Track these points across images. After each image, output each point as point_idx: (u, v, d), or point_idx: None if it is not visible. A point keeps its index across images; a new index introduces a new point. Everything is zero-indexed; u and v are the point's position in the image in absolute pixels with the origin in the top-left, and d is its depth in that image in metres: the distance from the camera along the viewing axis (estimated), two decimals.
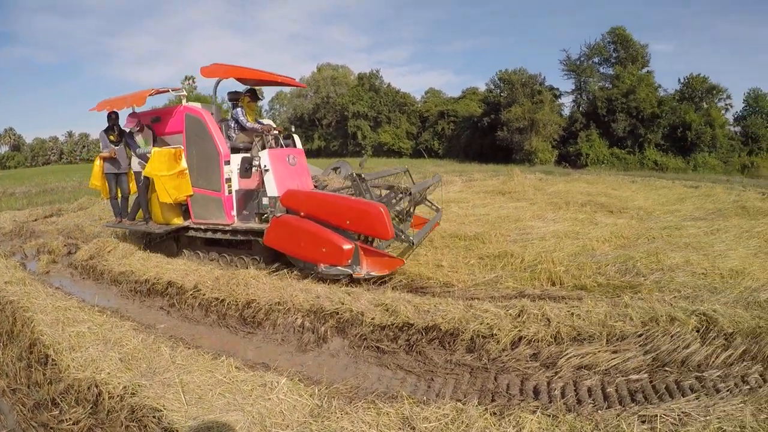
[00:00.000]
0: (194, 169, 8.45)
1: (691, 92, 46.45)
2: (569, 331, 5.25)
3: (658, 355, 4.81)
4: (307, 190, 7.93)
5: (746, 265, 7.48)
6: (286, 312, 6.19)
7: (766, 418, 3.46)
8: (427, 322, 5.55)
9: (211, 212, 8.46)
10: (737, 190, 18.28)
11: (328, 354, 5.43)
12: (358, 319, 5.83)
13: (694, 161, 42.62)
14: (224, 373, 4.39)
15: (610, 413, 3.70)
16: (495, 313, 5.60)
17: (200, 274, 7.59)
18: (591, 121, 46.74)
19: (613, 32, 48.44)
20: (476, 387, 4.53)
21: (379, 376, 4.83)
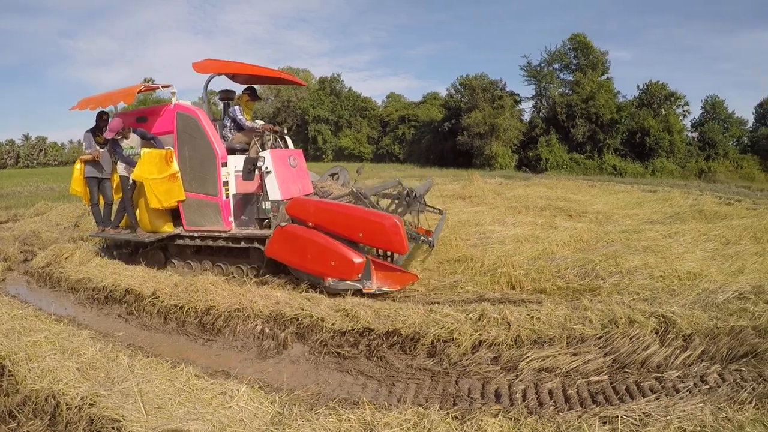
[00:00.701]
0: (187, 172, 8.02)
1: (650, 99, 47.88)
2: (529, 334, 5.31)
3: (617, 356, 4.90)
4: (315, 198, 7.60)
5: (703, 268, 7.69)
6: (245, 318, 6.12)
7: (725, 417, 3.53)
8: (388, 327, 5.56)
9: (206, 218, 8.03)
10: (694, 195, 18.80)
11: (288, 360, 5.38)
12: (318, 324, 5.80)
13: (652, 166, 43.88)
14: (184, 381, 4.32)
15: (572, 415, 3.75)
16: (455, 317, 5.63)
17: (158, 280, 7.42)
18: (551, 126, 47.62)
19: (574, 39, 49.48)
20: (437, 391, 4.55)
21: (340, 382, 4.81)
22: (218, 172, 7.78)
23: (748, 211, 14.39)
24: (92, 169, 8.78)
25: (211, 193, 7.88)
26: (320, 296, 6.59)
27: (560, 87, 49.82)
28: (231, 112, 8.56)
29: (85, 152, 8.79)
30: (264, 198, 7.60)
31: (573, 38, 49.49)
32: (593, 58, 48.78)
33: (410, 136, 58.42)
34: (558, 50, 49.88)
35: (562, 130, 46.89)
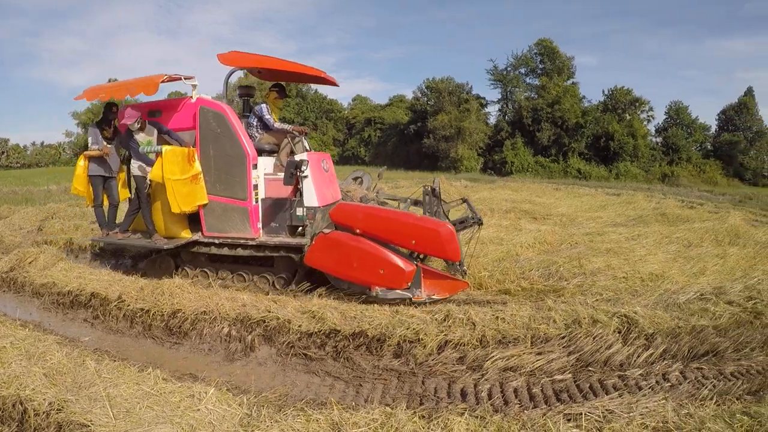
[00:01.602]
0: (211, 174, 7.40)
1: (615, 104, 49.12)
2: (494, 334, 5.37)
3: (581, 355, 5.02)
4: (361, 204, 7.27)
5: (665, 269, 7.91)
6: (212, 321, 6.05)
7: (687, 414, 3.63)
8: (354, 328, 5.57)
9: (232, 224, 7.44)
10: (657, 198, 19.33)
11: (255, 363, 5.36)
12: (285, 326, 5.77)
13: (616, 170, 44.94)
14: (151, 385, 4.24)
15: (537, 413, 3.81)
16: (421, 318, 5.68)
17: (124, 284, 7.25)
18: (516, 129, 48.38)
19: (541, 44, 50.39)
20: (404, 391, 4.58)
21: (307, 383, 4.81)
22: (249, 174, 7.25)
23: (710, 215, 14.85)
24: (97, 166, 8.15)
25: (239, 197, 7.34)
26: (287, 298, 6.58)
27: (526, 91, 50.74)
28: (257, 110, 8.00)
29: (91, 148, 8.07)
30: (298, 204, 7.13)
31: (539, 43, 50.42)
32: (559, 63, 49.78)
33: (376, 139, 58.59)
34: (524, 55, 50.78)
35: (528, 133, 47.66)
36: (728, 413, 3.66)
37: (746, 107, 52.98)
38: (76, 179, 8.28)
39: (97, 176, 8.18)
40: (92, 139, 8.11)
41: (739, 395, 4.27)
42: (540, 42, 50.49)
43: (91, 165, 8.13)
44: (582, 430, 3.49)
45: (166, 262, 8.14)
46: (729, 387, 4.47)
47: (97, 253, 9.81)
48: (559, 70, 49.62)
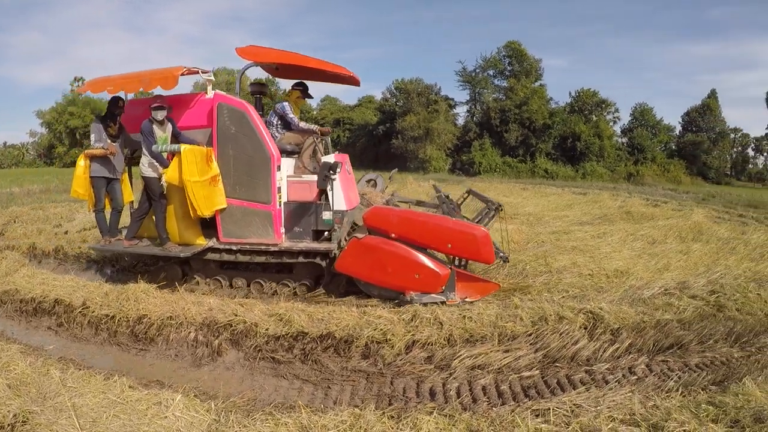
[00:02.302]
0: (229, 175, 7.00)
1: (581, 105, 49.99)
2: (462, 333, 5.42)
3: (548, 352, 5.09)
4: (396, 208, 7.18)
5: (630, 266, 8.06)
6: (178, 326, 5.94)
7: (653, 405, 3.71)
8: (322, 330, 5.55)
9: (252, 229, 7.06)
10: (623, 197, 19.62)
11: (223, 367, 5.28)
12: (252, 330, 5.70)
13: (582, 170, 45.62)
14: (118, 393, 4.15)
15: (505, 409, 3.85)
16: (388, 318, 5.69)
17: (89, 290, 7.04)
18: (484, 130, 48.70)
19: (509, 46, 50.83)
20: (373, 392, 4.57)
21: (276, 387, 4.76)
22: (273, 176, 6.88)
23: (674, 212, 15.19)
24: (100, 167, 7.45)
25: (262, 201, 6.97)
26: (253, 301, 6.49)
27: (494, 92, 51.06)
28: (279, 108, 7.67)
29: (93, 146, 7.40)
30: (325, 207, 6.97)
31: (508, 45, 50.84)
32: (527, 65, 50.28)
33: (345, 139, 58.41)
34: (493, 57, 51.10)
35: (496, 134, 48.04)
36: (694, 403, 3.75)
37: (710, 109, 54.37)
38: (75, 181, 7.57)
39: (100, 178, 7.50)
40: (95, 136, 7.45)
41: (704, 386, 4.38)
42: (508, 44, 50.94)
43: (93, 165, 7.44)
44: (550, 425, 3.53)
45: (173, 270, 7.70)
46: (694, 378, 4.59)
47: (61, 259, 9.55)
48: (527, 72, 50.13)
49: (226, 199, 6.97)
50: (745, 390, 3.92)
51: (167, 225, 7.24)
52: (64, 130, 56.24)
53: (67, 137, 56.75)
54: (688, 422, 3.41)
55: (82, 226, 12.04)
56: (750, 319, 6.11)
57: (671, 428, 3.35)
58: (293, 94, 7.96)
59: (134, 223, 7.51)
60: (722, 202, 22.06)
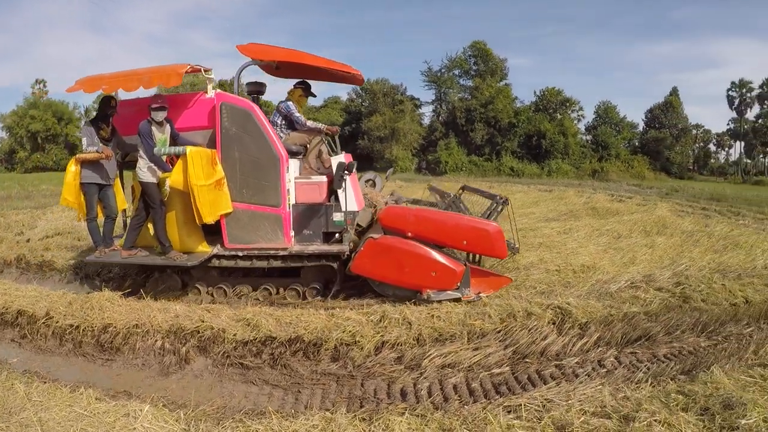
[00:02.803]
0: (236, 179, 6.77)
1: (546, 104, 50.98)
2: (431, 332, 5.40)
3: (518, 348, 5.11)
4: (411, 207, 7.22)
5: (596, 261, 8.16)
6: (144, 335, 5.79)
7: (623, 397, 3.75)
8: (290, 334, 5.47)
9: (261, 233, 6.85)
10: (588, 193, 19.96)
11: (191, 375, 5.16)
12: (219, 336, 5.59)
13: (548, 167, 46.46)
14: (84, 405, 4.02)
15: (477, 407, 3.84)
16: (357, 320, 5.64)
17: (52, 299, 6.80)
18: (450, 130, 49.17)
19: (475, 46, 51.40)
20: (344, 395, 4.52)
21: (245, 394, 4.68)
22: (282, 178, 6.72)
23: (638, 207, 15.48)
24: (91, 173, 7.00)
25: (271, 204, 6.79)
26: (220, 307, 6.39)
27: (460, 92, 51.64)
28: (284, 107, 7.51)
29: (86, 150, 6.92)
30: (335, 209, 6.89)
31: (473, 45, 51.50)
32: (492, 64, 50.98)
33: None
34: (458, 57, 51.65)
35: (461, 133, 48.52)
36: (664, 393, 3.81)
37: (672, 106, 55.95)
38: (66, 188, 7.07)
39: (92, 184, 7.05)
40: (87, 140, 6.95)
41: (673, 376, 4.44)
42: (474, 44, 51.58)
43: (85, 171, 6.98)
44: (522, 420, 3.52)
45: (171, 280, 7.36)
46: (663, 369, 4.67)
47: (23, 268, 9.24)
48: (492, 72, 50.78)
49: (231, 203, 6.75)
50: (714, 378, 3.99)
51: (168, 232, 6.93)
52: (25, 134, 55.11)
53: (28, 141, 55.62)
54: (659, 412, 3.45)
55: (45, 233, 11.67)
56: (715, 308, 6.28)
57: (642, 419, 3.38)
58: (295, 92, 7.77)
59: (132, 231, 7.08)
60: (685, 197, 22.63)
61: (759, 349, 4.95)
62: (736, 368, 4.35)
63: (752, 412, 3.45)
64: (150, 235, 7.10)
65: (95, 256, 7.20)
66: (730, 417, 3.43)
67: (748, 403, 3.54)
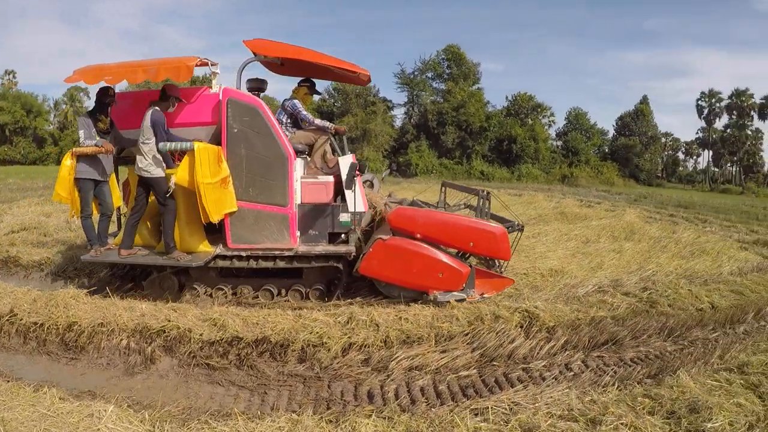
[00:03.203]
0: (241, 177, 6.61)
1: (518, 109, 51.56)
2: (398, 334, 5.39)
3: (485, 351, 5.13)
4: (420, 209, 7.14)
5: (565, 265, 8.26)
6: (110, 333, 5.67)
7: (590, 400, 3.79)
8: (257, 334, 5.41)
9: (266, 233, 6.71)
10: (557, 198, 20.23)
11: (157, 375, 5.08)
12: (186, 336, 5.50)
13: (518, 171, 47.00)
14: (48, 405, 3.93)
15: (444, 410, 3.84)
16: (324, 321, 5.61)
17: (16, 296, 6.60)
18: (422, 132, 49.36)
19: (448, 50, 51.68)
20: (310, 397, 4.50)
21: (211, 395, 4.63)
22: (290, 177, 6.61)
23: (607, 213, 15.72)
24: (87, 167, 6.71)
25: (278, 203, 6.67)
26: (186, 306, 6.28)
27: (432, 95, 51.82)
28: (290, 105, 7.42)
29: (83, 143, 6.62)
30: (341, 209, 6.84)
31: (447, 49, 51.75)
32: (465, 68, 51.30)
33: None
34: (432, 60, 51.85)
35: (433, 136, 48.73)
36: (630, 397, 3.86)
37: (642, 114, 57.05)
38: (59, 183, 6.74)
39: (87, 180, 6.75)
40: (84, 132, 6.65)
41: (640, 379, 4.52)
42: (448, 48, 51.85)
43: (80, 166, 6.68)
44: (489, 423, 3.54)
45: (169, 281, 7.06)
46: (629, 372, 4.74)
47: None
48: (465, 76, 51.10)
49: (236, 202, 6.57)
50: (680, 382, 4.05)
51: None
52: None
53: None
54: (625, 415, 3.49)
55: (10, 228, 11.35)
56: (682, 313, 6.40)
57: (609, 422, 3.41)
58: (301, 90, 7.66)
59: (130, 229, 6.79)
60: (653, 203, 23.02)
61: (725, 353, 5.06)
62: (702, 372, 4.44)
63: (718, 416, 3.51)
64: (146, 234, 7.00)
65: (91, 255, 6.89)
66: (696, 420, 3.48)
67: (713, 407, 3.61)
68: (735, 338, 5.88)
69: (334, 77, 8.30)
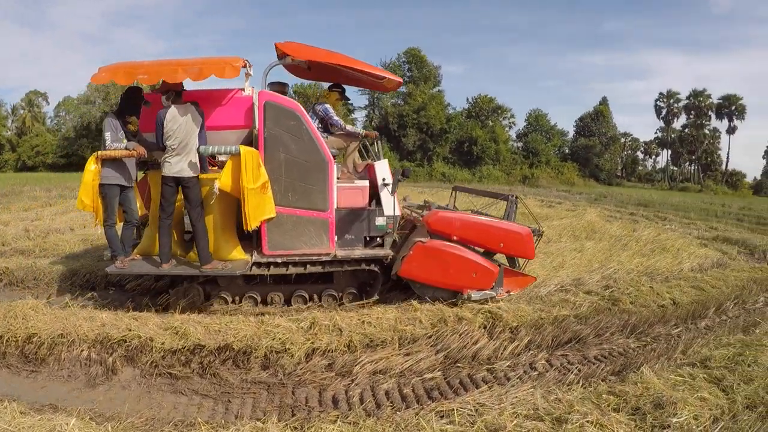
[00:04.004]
0: (279, 182, 6.47)
1: (478, 111, 52.24)
2: (362, 338, 5.38)
3: (449, 353, 5.16)
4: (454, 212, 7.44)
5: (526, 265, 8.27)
6: (70, 344, 5.53)
7: (555, 399, 3.83)
8: (219, 342, 5.34)
9: (305, 239, 6.65)
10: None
11: (119, 386, 4.97)
12: (147, 345, 5.39)
13: (479, 173, 47.56)
14: (9, 420, 3.83)
15: (409, 413, 3.85)
16: (287, 327, 5.56)
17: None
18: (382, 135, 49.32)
19: (409, 53, 51.96)
20: (275, 403, 4.46)
21: (174, 404, 4.56)
22: (330, 182, 6.58)
23: (568, 212, 15.95)
24: (113, 172, 6.31)
25: (319, 208, 6.62)
26: (147, 315, 6.15)
27: (393, 98, 52.00)
28: (321, 110, 7.40)
29: (110, 146, 6.24)
30: (377, 213, 6.90)
31: (408, 52, 52.05)
32: (426, 71, 51.65)
33: None
34: (393, 62, 52.02)
35: (394, 138, 48.94)
36: (595, 394, 3.92)
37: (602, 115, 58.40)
38: (83, 189, 6.25)
39: (114, 185, 6.36)
40: (111, 135, 6.27)
41: (604, 376, 4.59)
42: (409, 51, 52.18)
43: (106, 171, 6.28)
44: (455, 425, 3.56)
45: (194, 291, 6.91)
46: (593, 370, 4.82)
47: None
48: (425, 78, 51.48)
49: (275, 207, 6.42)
50: (644, 378, 4.14)
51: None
52: None
53: None
54: (591, 413, 3.53)
55: None
56: (644, 310, 6.54)
57: (574, 420, 3.45)
58: (332, 96, 7.68)
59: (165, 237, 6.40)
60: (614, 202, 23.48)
61: (687, 348, 5.18)
62: (666, 368, 4.54)
63: (682, 411, 3.59)
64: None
65: (117, 266, 6.51)
66: (661, 416, 3.55)
67: (678, 402, 3.69)
68: (697, 333, 6.06)
69: (362, 84, 8.37)
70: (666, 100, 67.36)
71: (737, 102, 63.52)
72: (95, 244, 9.82)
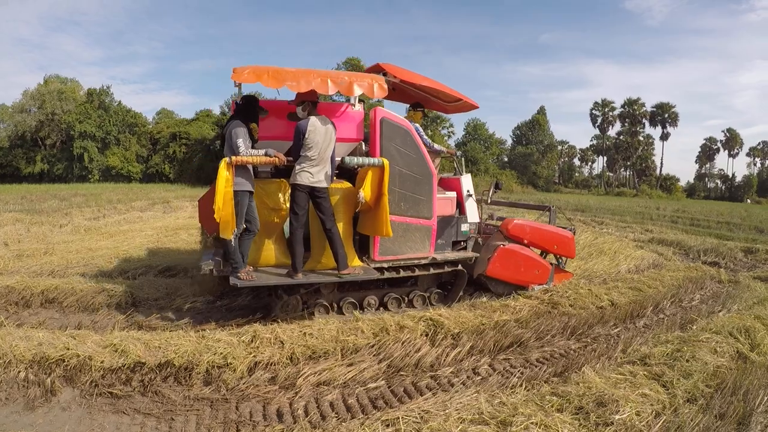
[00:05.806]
0: (393, 192, 6.83)
1: None
2: (304, 350, 5.36)
3: (392, 361, 5.19)
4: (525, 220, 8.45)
5: None
6: (6, 366, 5.29)
7: (500, 402, 3.89)
8: (159, 358, 5.21)
9: (410, 244, 7.11)
10: None
11: (59, 408, 4.75)
12: (86, 364, 5.21)
13: None
14: None
15: (355, 423, 3.86)
16: (228, 341, 5.49)
17: None
18: None
19: (349, 63, 52.17)
20: (219, 419, 4.38)
21: (117, 425, 4.41)
22: (434, 192, 7.18)
23: None
24: (244, 179, 6.21)
25: (425, 216, 7.18)
26: (85, 332, 5.94)
27: None
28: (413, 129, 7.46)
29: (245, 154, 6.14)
30: (462, 220, 7.80)
31: (348, 62, 52.28)
32: None
33: (181, 155, 56.29)
34: None
35: None
36: (538, 396, 4.00)
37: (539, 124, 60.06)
38: (219, 197, 5.92)
39: (245, 192, 6.23)
40: (243, 142, 6.18)
41: (546, 378, 4.71)
42: (348, 60, 52.39)
43: (237, 178, 6.15)
44: None
45: (293, 301, 6.86)
46: (536, 372, 4.93)
47: None
48: None
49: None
50: (585, 378, 4.26)
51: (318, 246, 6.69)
52: None
53: None
54: (535, 414, 3.60)
55: None
56: (583, 312, 6.79)
57: (519, 422, 3.51)
58: (417, 115, 8.28)
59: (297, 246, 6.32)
60: None
61: (627, 347, 5.38)
62: (606, 367, 4.70)
63: (625, 408, 3.70)
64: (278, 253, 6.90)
65: (244, 279, 6.25)
66: (604, 414, 3.65)
67: (620, 399, 3.81)
68: (636, 332, 6.32)
69: (435, 106, 9.22)
70: (601, 109, 69.78)
71: (670, 110, 66.44)
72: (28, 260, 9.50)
